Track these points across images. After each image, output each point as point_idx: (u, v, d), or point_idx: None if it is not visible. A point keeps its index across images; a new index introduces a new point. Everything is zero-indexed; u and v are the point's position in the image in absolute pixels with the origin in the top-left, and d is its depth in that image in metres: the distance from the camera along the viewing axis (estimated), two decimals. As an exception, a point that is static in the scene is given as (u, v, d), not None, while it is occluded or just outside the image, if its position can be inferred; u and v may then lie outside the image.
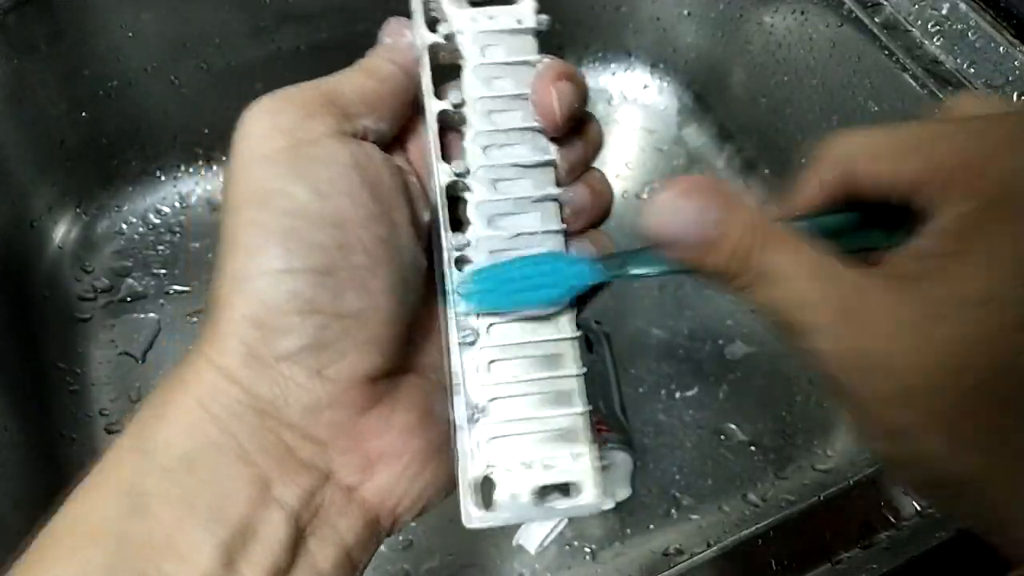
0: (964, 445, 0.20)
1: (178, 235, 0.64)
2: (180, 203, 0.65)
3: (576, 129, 0.25)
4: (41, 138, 0.59)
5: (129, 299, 0.61)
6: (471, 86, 0.24)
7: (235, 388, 0.21)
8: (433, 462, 0.24)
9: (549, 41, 0.24)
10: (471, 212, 0.24)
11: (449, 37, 0.25)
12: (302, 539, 0.21)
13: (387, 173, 0.23)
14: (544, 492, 0.23)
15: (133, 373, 0.58)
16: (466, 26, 0.25)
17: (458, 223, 0.25)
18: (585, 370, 0.24)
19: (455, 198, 0.25)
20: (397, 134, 0.25)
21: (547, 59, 0.25)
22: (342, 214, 0.22)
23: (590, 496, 0.23)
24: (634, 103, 0.72)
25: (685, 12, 0.67)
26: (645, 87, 0.72)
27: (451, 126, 0.25)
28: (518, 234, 0.24)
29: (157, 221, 0.65)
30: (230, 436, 0.21)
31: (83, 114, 0.60)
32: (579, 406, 0.24)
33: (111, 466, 0.21)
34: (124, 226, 0.64)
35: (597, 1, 0.68)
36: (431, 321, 0.25)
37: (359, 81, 0.24)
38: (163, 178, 0.66)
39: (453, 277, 0.24)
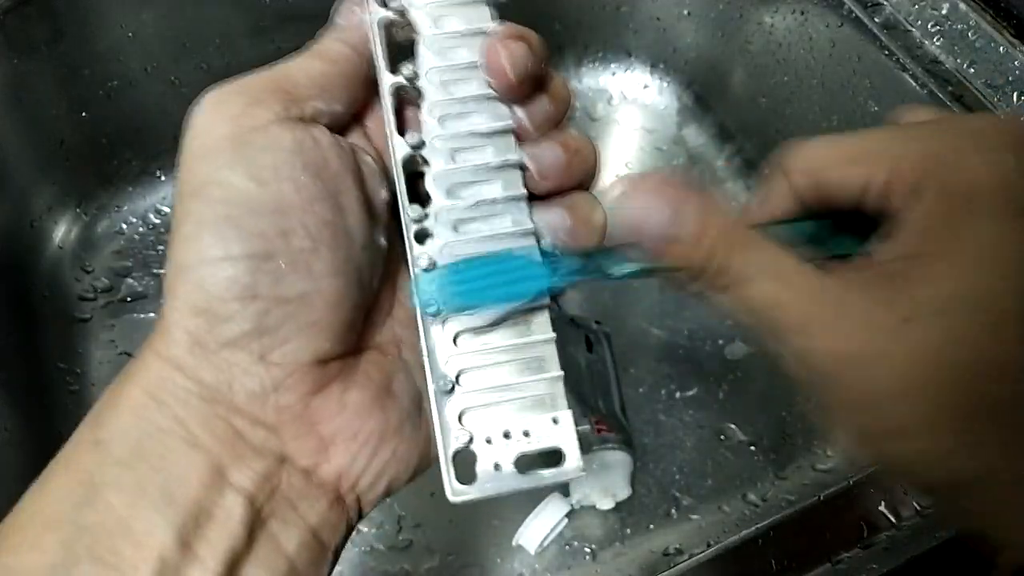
0: (943, 448, 0.20)
1: (178, 235, 0.64)
2: (180, 203, 0.66)
3: (539, 88, 0.24)
4: (41, 138, 0.59)
5: (129, 299, 0.61)
6: (425, 58, 0.24)
7: (181, 376, 0.22)
8: (393, 439, 0.24)
9: (549, 42, 0.24)
10: (430, 184, 0.24)
11: (402, 12, 0.24)
12: (261, 521, 0.21)
13: (334, 156, 0.23)
14: (526, 461, 0.23)
15: (133, 373, 0.58)
16: None
17: (421, 197, 0.24)
18: (555, 335, 0.24)
19: (415, 173, 0.24)
20: (356, 113, 0.25)
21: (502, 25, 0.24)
22: (283, 199, 0.22)
23: (573, 462, 0.23)
24: (634, 103, 0.72)
25: (685, 12, 0.67)
26: (645, 87, 0.72)
27: (409, 101, 0.24)
28: (478, 202, 0.24)
29: (157, 221, 0.65)
30: (179, 423, 0.21)
31: (83, 114, 0.60)
32: (554, 371, 0.24)
33: (66, 459, 0.21)
34: (124, 226, 0.64)
35: (597, 1, 0.68)
36: (392, 299, 0.25)
37: (309, 64, 0.24)
38: (163, 178, 0.66)
39: (414, 251, 0.23)
